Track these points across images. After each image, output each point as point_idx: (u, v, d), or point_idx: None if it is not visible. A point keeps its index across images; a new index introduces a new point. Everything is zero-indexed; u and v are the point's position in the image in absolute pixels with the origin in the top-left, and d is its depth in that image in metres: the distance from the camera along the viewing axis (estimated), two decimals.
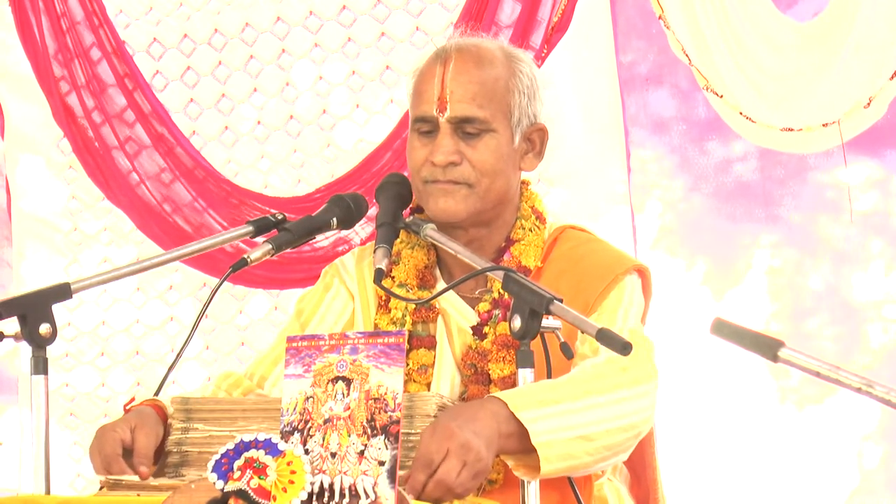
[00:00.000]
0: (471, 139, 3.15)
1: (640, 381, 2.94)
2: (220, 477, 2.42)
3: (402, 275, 3.24)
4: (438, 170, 3.15)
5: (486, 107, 3.14)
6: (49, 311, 2.93)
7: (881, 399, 2.50)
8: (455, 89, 3.15)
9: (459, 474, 2.65)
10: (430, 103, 3.18)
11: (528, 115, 3.20)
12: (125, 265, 3.22)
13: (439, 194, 3.16)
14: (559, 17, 5.11)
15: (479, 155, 3.15)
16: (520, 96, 3.18)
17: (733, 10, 4.85)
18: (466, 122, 3.14)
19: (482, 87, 3.15)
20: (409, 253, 3.26)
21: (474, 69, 3.16)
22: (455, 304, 3.20)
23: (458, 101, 3.14)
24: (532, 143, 3.23)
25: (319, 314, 3.30)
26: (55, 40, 5.84)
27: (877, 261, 4.95)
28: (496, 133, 3.16)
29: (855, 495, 4.95)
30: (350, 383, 2.48)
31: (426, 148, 3.18)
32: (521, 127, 3.19)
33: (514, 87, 3.18)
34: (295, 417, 2.49)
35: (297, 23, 5.69)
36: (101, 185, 5.85)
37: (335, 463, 2.44)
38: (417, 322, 3.22)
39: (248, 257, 3.11)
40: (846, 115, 4.71)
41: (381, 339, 2.50)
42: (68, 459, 5.96)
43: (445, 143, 3.15)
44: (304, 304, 3.35)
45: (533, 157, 3.24)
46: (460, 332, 3.18)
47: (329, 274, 3.36)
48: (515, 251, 3.20)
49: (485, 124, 3.14)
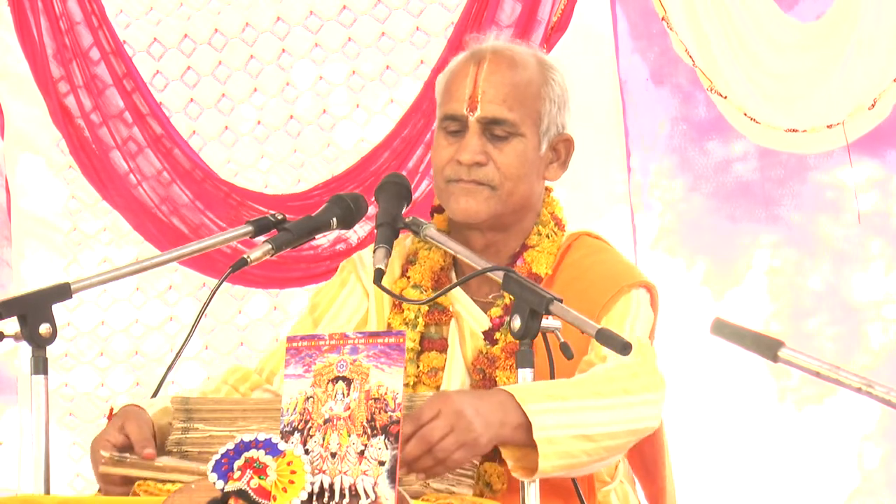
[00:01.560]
0: (498, 141, 3.13)
1: (649, 389, 2.93)
2: (220, 477, 2.42)
3: (417, 276, 3.23)
4: (463, 169, 3.13)
5: (516, 110, 3.13)
6: (49, 311, 2.93)
7: (881, 399, 2.50)
8: (487, 89, 3.13)
9: (445, 437, 2.64)
10: (460, 102, 3.15)
11: (556, 125, 3.19)
12: (125, 265, 3.21)
13: (461, 193, 3.14)
14: (559, 17, 5.11)
15: (506, 158, 3.13)
16: (550, 104, 3.17)
17: (737, 11, 4.85)
18: (495, 124, 3.13)
19: (514, 89, 3.14)
20: (425, 254, 3.25)
21: (508, 71, 3.15)
22: (469, 307, 3.19)
23: (489, 101, 3.13)
24: (557, 153, 3.22)
25: (333, 311, 3.29)
26: (54, 40, 5.84)
27: (877, 261, 4.95)
28: (524, 138, 3.14)
29: (855, 495, 4.95)
30: (350, 383, 2.48)
31: (452, 147, 3.16)
32: (548, 135, 3.18)
33: (546, 94, 3.16)
34: (295, 417, 2.49)
35: (297, 23, 5.69)
36: (98, 186, 5.85)
37: (335, 463, 2.44)
38: (430, 324, 3.20)
39: (247, 257, 3.10)
40: (850, 116, 4.72)
41: (381, 339, 2.50)
42: (68, 459, 5.96)
43: (473, 142, 3.13)
44: (318, 298, 3.32)
45: (557, 167, 3.23)
46: (473, 337, 3.17)
47: (346, 269, 3.34)
48: (528, 257, 3.18)
49: (514, 127, 3.13)
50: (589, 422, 2.80)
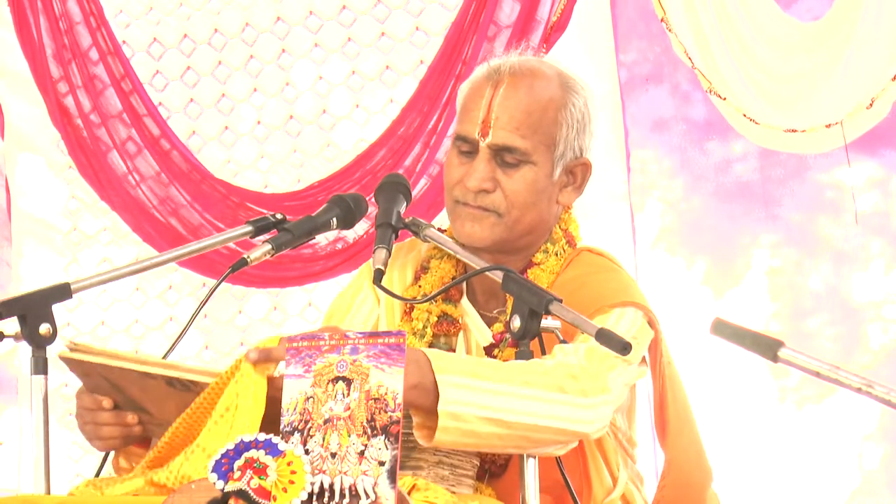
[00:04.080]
0: (508, 168, 3.09)
1: (587, 393, 2.82)
2: (220, 477, 2.42)
3: (428, 285, 3.21)
4: (470, 194, 3.10)
5: (528, 137, 3.07)
6: (49, 311, 2.93)
7: (881, 399, 2.50)
8: (501, 115, 3.07)
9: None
10: (473, 124, 3.10)
11: (573, 149, 3.12)
12: (125, 265, 3.21)
13: (467, 218, 3.11)
14: (558, 17, 5.11)
15: (514, 185, 3.08)
16: (567, 129, 3.10)
17: (736, 11, 4.85)
18: (506, 151, 3.08)
19: (528, 116, 3.08)
20: (437, 264, 3.23)
21: (525, 96, 3.09)
22: (475, 322, 3.17)
23: (501, 127, 3.07)
24: (574, 176, 3.16)
25: (347, 320, 3.27)
26: (53, 41, 5.84)
27: (877, 261, 4.95)
28: (534, 166, 3.09)
29: (855, 495, 4.95)
30: (350, 383, 2.47)
31: (463, 167, 3.12)
32: (563, 160, 3.12)
33: (564, 119, 3.10)
34: (295, 417, 2.49)
35: (297, 22, 5.69)
36: (96, 186, 5.85)
37: (335, 463, 2.44)
38: (440, 335, 3.18)
39: (248, 257, 3.10)
40: (849, 115, 4.72)
41: (381, 339, 2.50)
42: (67, 459, 5.96)
43: (481, 168, 3.08)
44: (335, 306, 3.32)
45: (572, 191, 3.17)
46: (479, 350, 3.15)
47: (362, 275, 3.33)
48: (532, 274, 3.14)
49: (525, 156, 3.08)
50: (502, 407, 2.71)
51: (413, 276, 3.27)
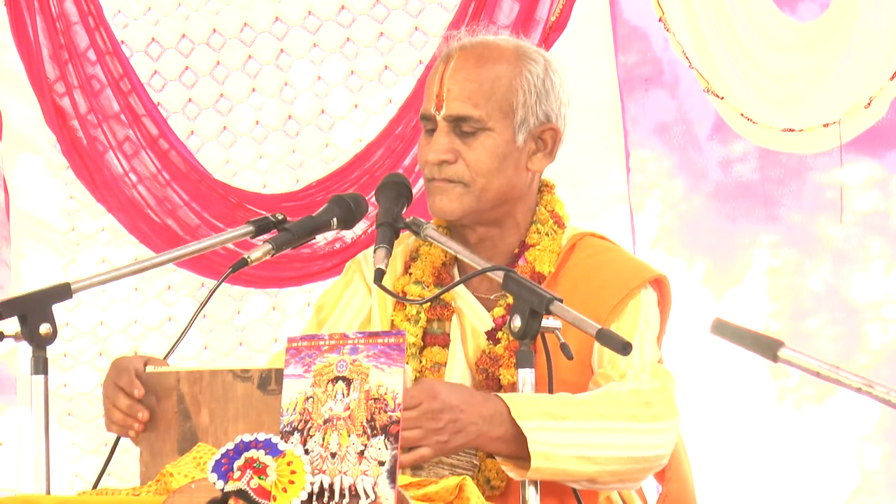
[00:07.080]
0: (467, 137, 3.13)
1: (662, 418, 2.93)
2: (220, 477, 2.42)
3: (419, 272, 3.23)
4: (435, 168, 3.15)
5: (481, 106, 3.12)
6: (49, 311, 2.93)
7: (881, 399, 2.50)
8: (452, 87, 3.13)
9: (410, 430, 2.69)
10: (430, 101, 3.17)
11: (535, 115, 3.16)
12: (125, 265, 3.21)
13: (435, 192, 3.16)
14: (557, 17, 5.11)
15: (475, 154, 3.13)
16: (525, 95, 3.14)
17: (734, 11, 4.85)
18: (462, 121, 3.13)
19: (479, 85, 3.13)
20: (426, 250, 3.25)
21: (474, 68, 3.14)
22: (471, 304, 3.19)
23: (453, 99, 3.13)
24: (544, 142, 3.19)
25: (338, 311, 3.30)
26: (50, 41, 5.83)
27: (877, 261, 4.94)
28: (492, 132, 3.13)
29: (855, 495, 4.95)
30: (350, 383, 2.47)
31: (429, 146, 3.17)
32: (526, 126, 3.15)
33: (519, 85, 3.14)
34: (295, 417, 2.49)
35: (295, 23, 5.68)
36: (91, 187, 5.85)
37: (335, 463, 2.43)
38: (433, 320, 3.21)
39: (248, 257, 3.11)
40: (846, 115, 4.71)
41: (380, 339, 2.50)
42: (66, 460, 5.95)
43: (440, 140, 3.14)
44: (324, 300, 3.34)
45: (543, 157, 3.20)
46: (474, 333, 3.16)
47: (351, 269, 3.35)
48: (530, 256, 3.17)
49: (479, 123, 3.12)
50: (588, 443, 2.81)
51: (403, 266, 3.29)
